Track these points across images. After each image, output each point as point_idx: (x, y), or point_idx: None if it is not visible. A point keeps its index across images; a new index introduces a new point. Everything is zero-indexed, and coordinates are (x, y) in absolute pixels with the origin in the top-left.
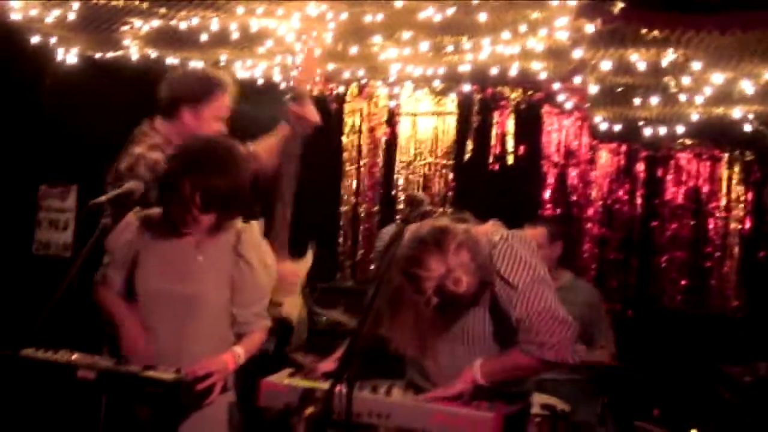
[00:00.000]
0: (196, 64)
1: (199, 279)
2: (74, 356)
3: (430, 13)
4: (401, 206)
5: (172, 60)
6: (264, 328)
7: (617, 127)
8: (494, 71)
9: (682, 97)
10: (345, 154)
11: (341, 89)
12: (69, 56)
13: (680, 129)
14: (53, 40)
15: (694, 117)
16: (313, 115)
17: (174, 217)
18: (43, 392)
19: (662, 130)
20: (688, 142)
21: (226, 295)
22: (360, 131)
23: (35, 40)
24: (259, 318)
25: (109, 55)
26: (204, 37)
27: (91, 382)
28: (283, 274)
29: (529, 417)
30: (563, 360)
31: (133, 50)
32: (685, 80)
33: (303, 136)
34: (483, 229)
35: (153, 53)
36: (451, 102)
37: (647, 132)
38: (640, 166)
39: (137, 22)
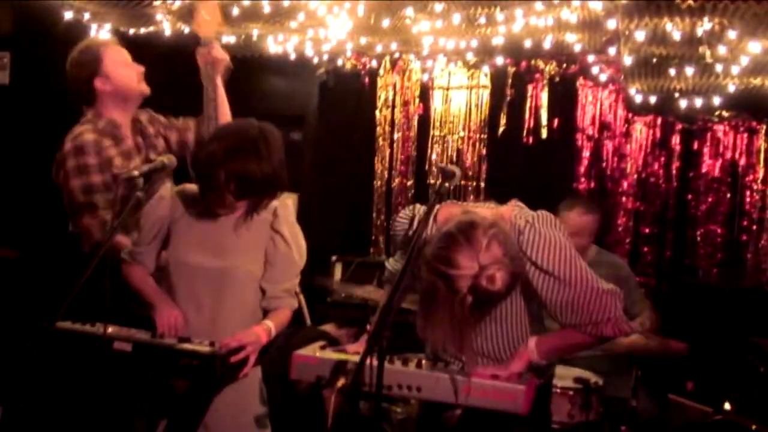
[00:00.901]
0: (228, 39)
1: (235, 255)
2: (110, 329)
3: None
4: (434, 180)
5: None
6: (292, 306)
7: (653, 99)
8: (528, 44)
9: (719, 68)
10: (378, 129)
11: (374, 63)
12: (102, 32)
13: (717, 100)
14: (86, 15)
15: (731, 88)
16: (222, 55)
17: (209, 203)
18: (79, 364)
19: (698, 102)
20: (725, 114)
21: (260, 271)
22: (393, 105)
23: (68, 15)
24: (288, 295)
25: (142, 30)
26: (235, 12)
27: (127, 355)
28: None
29: (551, 387)
30: (622, 333)
31: (166, 26)
32: (722, 50)
33: (221, 78)
34: (506, 212)
35: (185, 28)
36: (484, 75)
37: (683, 104)
38: (676, 139)
39: None
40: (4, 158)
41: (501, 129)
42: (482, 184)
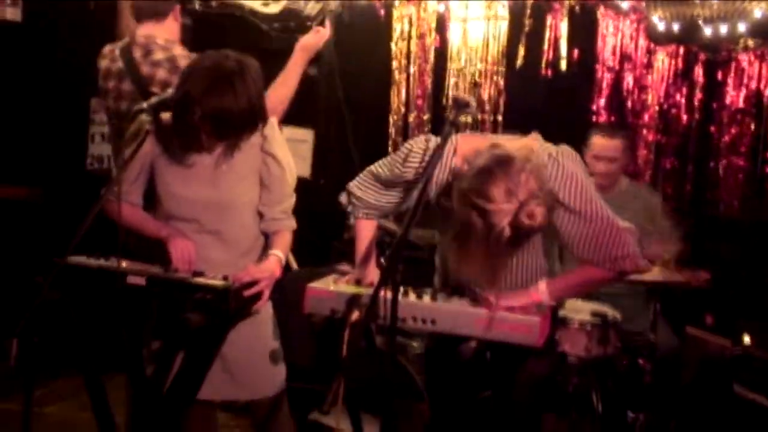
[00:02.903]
0: None
1: (230, 186)
2: (124, 263)
3: None
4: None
5: None
6: (291, 227)
7: (676, 27)
8: None
9: None
10: (394, 62)
11: None
12: None
13: (742, 27)
14: None
15: (758, 14)
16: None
17: (186, 142)
18: (93, 298)
19: (723, 29)
20: (750, 42)
21: (257, 195)
22: (409, 38)
23: None
24: (287, 216)
25: None
26: None
27: (140, 289)
28: None
29: (557, 317)
30: (639, 269)
31: None
32: None
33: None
34: (527, 145)
35: None
36: (502, 6)
37: (707, 32)
38: (699, 69)
39: None
40: (21, 98)
41: (519, 61)
42: (500, 118)
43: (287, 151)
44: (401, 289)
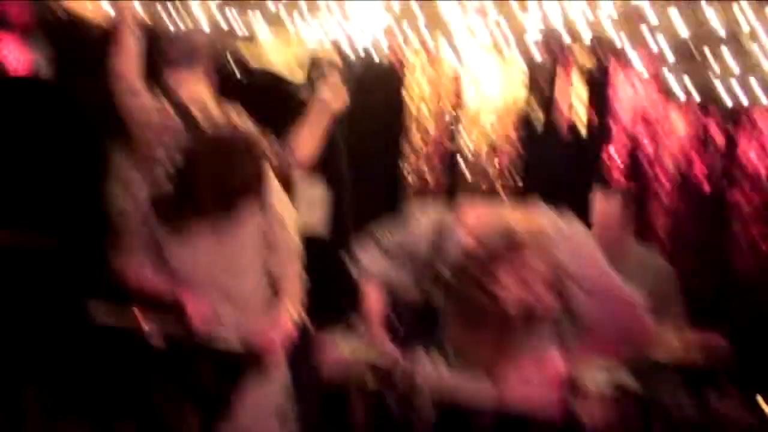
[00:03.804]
0: None
1: (231, 246)
2: (140, 316)
3: None
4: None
5: None
6: (299, 274)
7: (692, 89)
8: (565, 35)
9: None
10: (409, 120)
11: (407, 54)
12: None
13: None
14: None
15: None
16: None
17: (187, 212)
18: (114, 356)
19: (740, 91)
20: None
21: (261, 250)
22: (425, 98)
23: None
24: (294, 263)
25: None
26: None
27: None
28: None
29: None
30: (651, 342)
31: None
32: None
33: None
34: (534, 221)
35: None
36: (520, 69)
37: (724, 92)
38: (716, 130)
39: None
40: (36, 143)
41: (537, 123)
42: (516, 180)
43: (283, 198)
44: (417, 357)
